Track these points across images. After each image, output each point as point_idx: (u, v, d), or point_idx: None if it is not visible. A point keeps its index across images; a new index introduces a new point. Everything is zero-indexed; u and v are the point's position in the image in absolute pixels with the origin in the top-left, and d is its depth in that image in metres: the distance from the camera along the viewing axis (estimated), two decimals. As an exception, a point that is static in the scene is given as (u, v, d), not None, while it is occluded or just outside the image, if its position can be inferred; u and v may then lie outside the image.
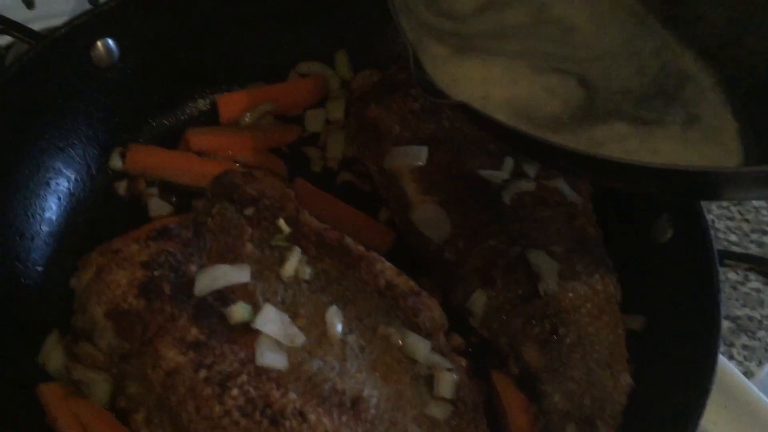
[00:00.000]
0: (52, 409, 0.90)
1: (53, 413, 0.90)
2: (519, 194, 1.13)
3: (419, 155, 1.17)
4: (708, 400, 0.89)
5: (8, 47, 1.36)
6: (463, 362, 1.03)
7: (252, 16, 1.29)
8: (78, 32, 1.13)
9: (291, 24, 1.32)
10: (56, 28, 1.13)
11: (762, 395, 1.18)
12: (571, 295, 1.05)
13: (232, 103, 1.31)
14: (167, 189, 1.21)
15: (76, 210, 1.16)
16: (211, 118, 1.31)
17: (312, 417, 0.90)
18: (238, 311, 0.96)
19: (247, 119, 1.31)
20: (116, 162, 1.22)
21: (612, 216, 1.15)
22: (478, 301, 1.07)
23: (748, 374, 1.23)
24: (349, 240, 1.06)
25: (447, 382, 0.97)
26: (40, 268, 1.09)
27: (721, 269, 1.01)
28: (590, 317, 1.04)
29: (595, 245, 1.11)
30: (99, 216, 1.18)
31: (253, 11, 1.29)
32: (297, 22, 1.32)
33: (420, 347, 0.99)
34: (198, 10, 1.25)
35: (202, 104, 1.32)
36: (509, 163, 1.16)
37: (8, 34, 1.15)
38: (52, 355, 0.97)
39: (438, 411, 0.96)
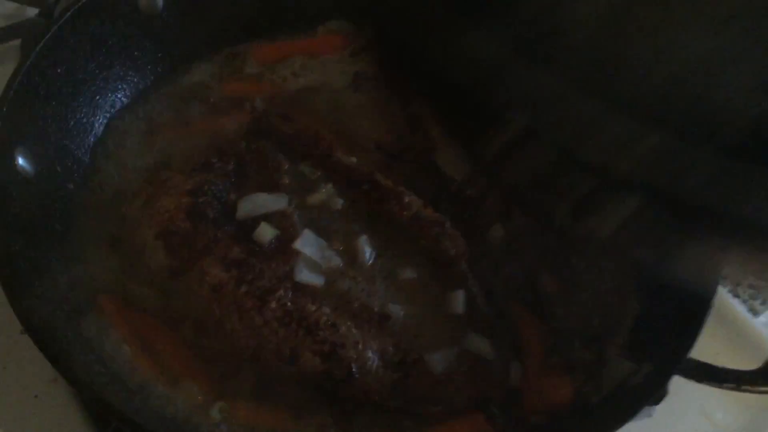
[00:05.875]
0: (111, 317, 0.99)
1: (112, 320, 0.99)
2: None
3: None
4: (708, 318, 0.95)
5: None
6: None
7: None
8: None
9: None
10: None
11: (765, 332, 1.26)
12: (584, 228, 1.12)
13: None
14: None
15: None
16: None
17: (343, 328, 0.98)
18: (266, 231, 1.05)
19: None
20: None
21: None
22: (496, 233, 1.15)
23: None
24: (379, 176, 1.14)
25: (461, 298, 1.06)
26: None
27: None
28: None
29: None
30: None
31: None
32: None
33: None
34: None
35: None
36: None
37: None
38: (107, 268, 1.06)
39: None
